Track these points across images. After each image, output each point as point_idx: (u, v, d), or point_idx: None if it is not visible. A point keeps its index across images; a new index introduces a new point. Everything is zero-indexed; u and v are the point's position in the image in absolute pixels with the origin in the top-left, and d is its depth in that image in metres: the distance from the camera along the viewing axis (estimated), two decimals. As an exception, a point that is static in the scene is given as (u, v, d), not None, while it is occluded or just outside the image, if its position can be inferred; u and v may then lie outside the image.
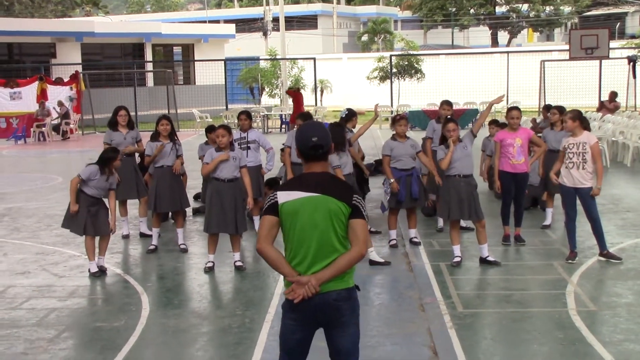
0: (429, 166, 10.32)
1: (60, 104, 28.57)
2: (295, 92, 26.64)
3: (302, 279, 4.39)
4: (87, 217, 9.04)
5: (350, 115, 10.96)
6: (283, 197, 4.48)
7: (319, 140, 4.49)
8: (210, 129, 11.71)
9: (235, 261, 9.34)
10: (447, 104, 11.31)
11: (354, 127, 11.11)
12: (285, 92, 28.29)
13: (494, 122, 13.02)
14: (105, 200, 9.29)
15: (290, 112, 30.16)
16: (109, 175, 9.18)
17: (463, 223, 10.30)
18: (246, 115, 11.14)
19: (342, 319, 4.51)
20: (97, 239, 9.25)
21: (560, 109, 11.26)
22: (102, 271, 9.25)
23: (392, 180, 9.88)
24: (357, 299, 4.59)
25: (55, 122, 28.38)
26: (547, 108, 15.00)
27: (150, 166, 10.37)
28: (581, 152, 9.02)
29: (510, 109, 10.06)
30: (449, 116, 10.33)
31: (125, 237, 11.22)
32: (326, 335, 4.63)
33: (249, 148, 10.86)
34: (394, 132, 10.10)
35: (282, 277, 4.58)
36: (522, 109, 10.73)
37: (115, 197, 10.52)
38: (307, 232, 4.43)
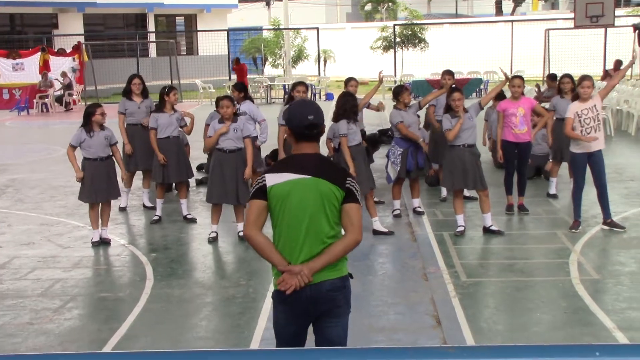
0: (411, 136, 10.05)
1: (63, 74, 28.48)
2: (239, 66, 27.42)
3: (294, 268, 4.13)
4: (92, 185, 9.06)
5: (346, 80, 10.88)
6: (272, 179, 4.23)
7: (315, 119, 4.27)
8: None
9: (239, 231, 9.34)
10: (448, 73, 11.26)
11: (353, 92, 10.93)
12: (232, 69, 28.87)
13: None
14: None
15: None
16: (99, 131, 9.06)
17: (467, 192, 10.28)
18: (234, 87, 11.28)
19: (337, 310, 4.30)
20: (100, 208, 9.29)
21: (571, 78, 11.25)
22: (105, 242, 9.29)
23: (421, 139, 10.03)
24: (350, 288, 4.37)
25: (58, 93, 28.32)
26: (552, 77, 14.98)
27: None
28: (596, 116, 8.98)
29: (512, 78, 10.02)
30: (453, 85, 10.26)
31: (122, 209, 11.06)
32: (316, 324, 4.39)
33: None
34: (396, 103, 10.03)
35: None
36: (526, 78, 10.67)
37: (129, 168, 10.64)
38: (298, 216, 4.19)
